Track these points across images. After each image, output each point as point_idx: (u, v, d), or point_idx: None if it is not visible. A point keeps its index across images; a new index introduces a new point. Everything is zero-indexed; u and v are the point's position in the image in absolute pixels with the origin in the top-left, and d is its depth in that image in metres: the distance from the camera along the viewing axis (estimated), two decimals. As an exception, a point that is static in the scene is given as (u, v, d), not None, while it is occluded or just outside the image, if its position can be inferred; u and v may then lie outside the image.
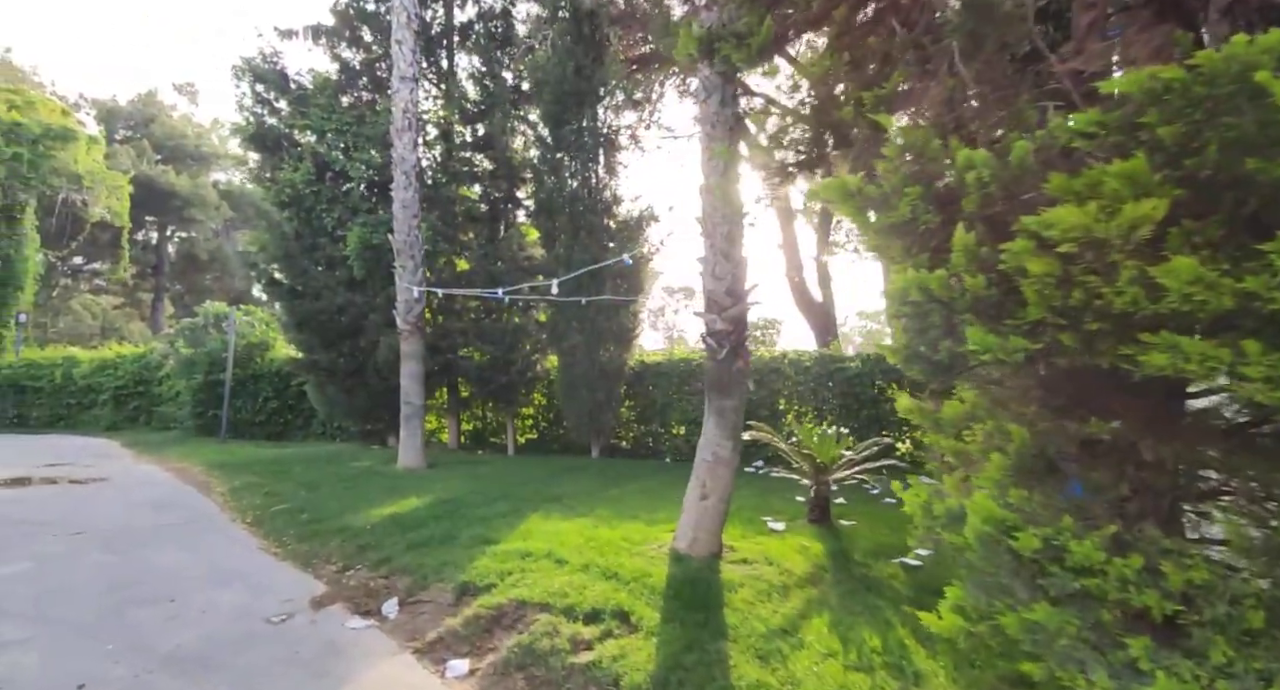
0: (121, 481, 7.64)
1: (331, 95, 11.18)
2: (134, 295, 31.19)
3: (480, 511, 5.57)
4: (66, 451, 10.91)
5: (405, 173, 8.34)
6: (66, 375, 16.06)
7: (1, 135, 16.13)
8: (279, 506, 5.90)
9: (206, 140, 29.06)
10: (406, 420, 8.38)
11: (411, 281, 8.38)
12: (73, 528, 5.17)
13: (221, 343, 12.88)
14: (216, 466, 8.75)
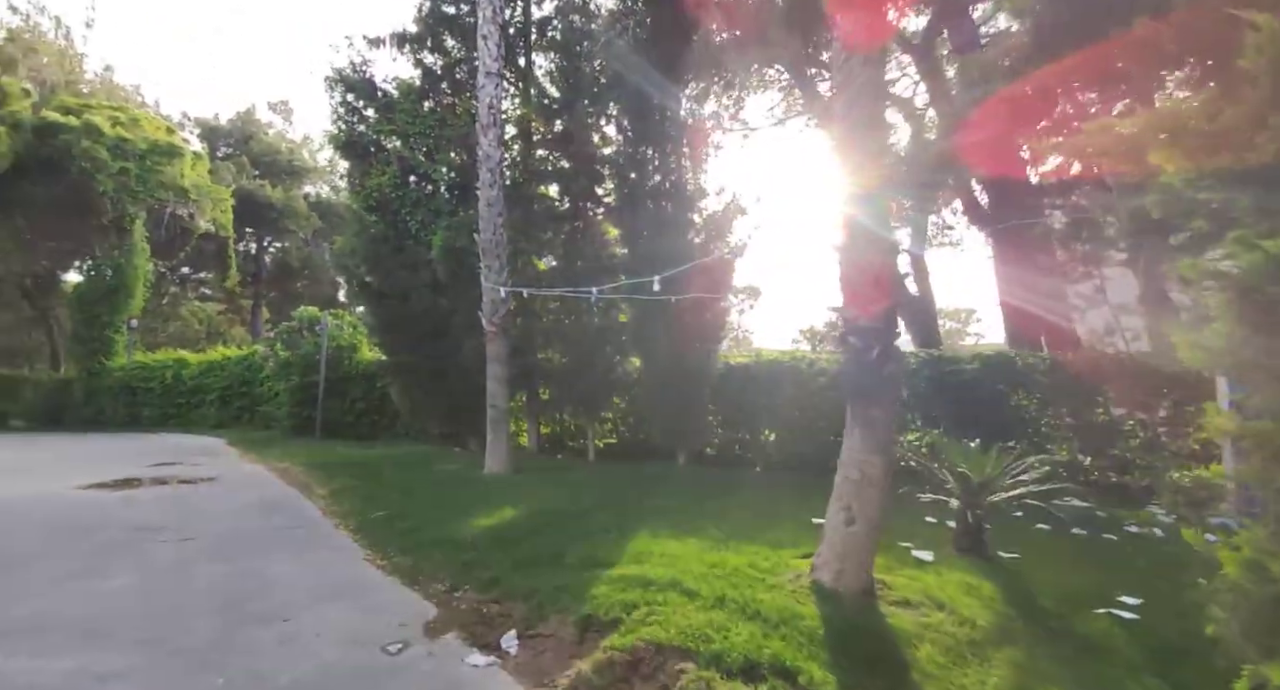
0: (229, 482, 7.87)
1: (415, 100, 11.32)
2: (235, 301, 33.60)
3: (581, 526, 5.21)
4: (177, 450, 11.57)
5: (490, 170, 8.18)
6: (176, 377, 17.25)
7: (108, 150, 17.50)
8: (378, 513, 5.77)
9: (298, 155, 30.87)
10: (493, 424, 8.21)
11: (497, 282, 8.21)
12: (183, 533, 5.20)
13: (314, 346, 13.36)
14: (314, 467, 8.92)
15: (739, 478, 8.34)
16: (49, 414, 19.34)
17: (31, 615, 3.27)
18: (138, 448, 11.97)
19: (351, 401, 13.78)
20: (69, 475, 8.24)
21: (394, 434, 13.72)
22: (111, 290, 18.85)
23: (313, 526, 5.56)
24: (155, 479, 8.01)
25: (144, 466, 9.20)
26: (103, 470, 8.68)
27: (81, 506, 6.18)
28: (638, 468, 9.08)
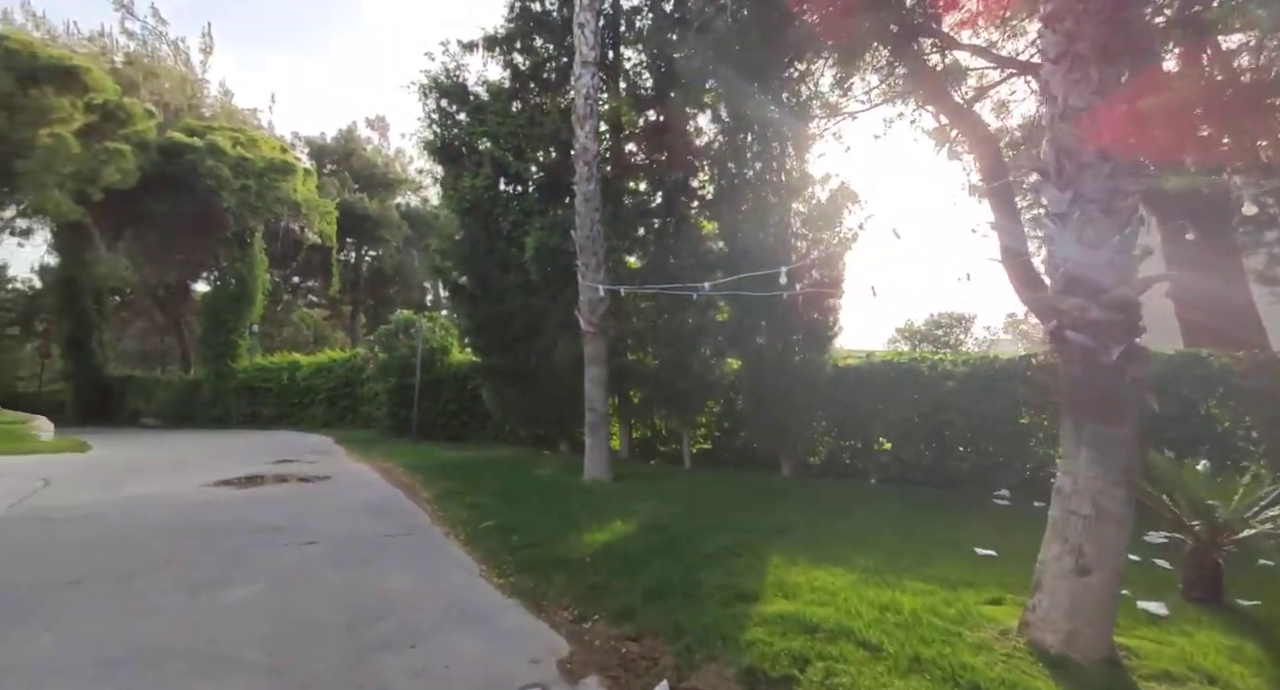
0: (341, 481, 8.02)
1: (504, 101, 11.30)
2: (337, 308, 36.02)
3: (705, 546, 4.69)
4: (293, 448, 12.18)
5: (587, 163, 7.87)
6: (290, 378, 18.46)
7: (230, 169, 18.97)
8: (486, 522, 5.53)
9: (392, 168, 32.60)
10: (591, 429, 7.89)
11: (595, 279, 7.89)
12: (304, 536, 5.17)
13: (410, 348, 13.73)
14: (415, 468, 8.99)
15: (856, 491, 7.55)
16: (180, 413, 21.36)
17: (152, 636, 3.17)
18: (260, 445, 12.74)
19: (444, 403, 14.06)
20: (198, 471, 8.74)
21: (484, 435, 13.87)
22: (235, 298, 20.52)
23: (423, 534, 5.40)
24: (276, 476, 8.32)
25: (266, 464, 9.65)
26: (230, 467, 9.17)
27: (210, 506, 6.40)
28: (741, 477, 8.47)
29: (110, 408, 22.93)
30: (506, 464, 9.62)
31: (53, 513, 5.95)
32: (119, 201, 18.42)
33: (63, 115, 15.77)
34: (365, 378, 16.70)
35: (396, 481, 8.14)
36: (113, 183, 17.04)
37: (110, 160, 16.67)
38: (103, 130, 17.18)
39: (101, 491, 7.19)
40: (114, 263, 19.21)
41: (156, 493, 7.11)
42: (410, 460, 9.98)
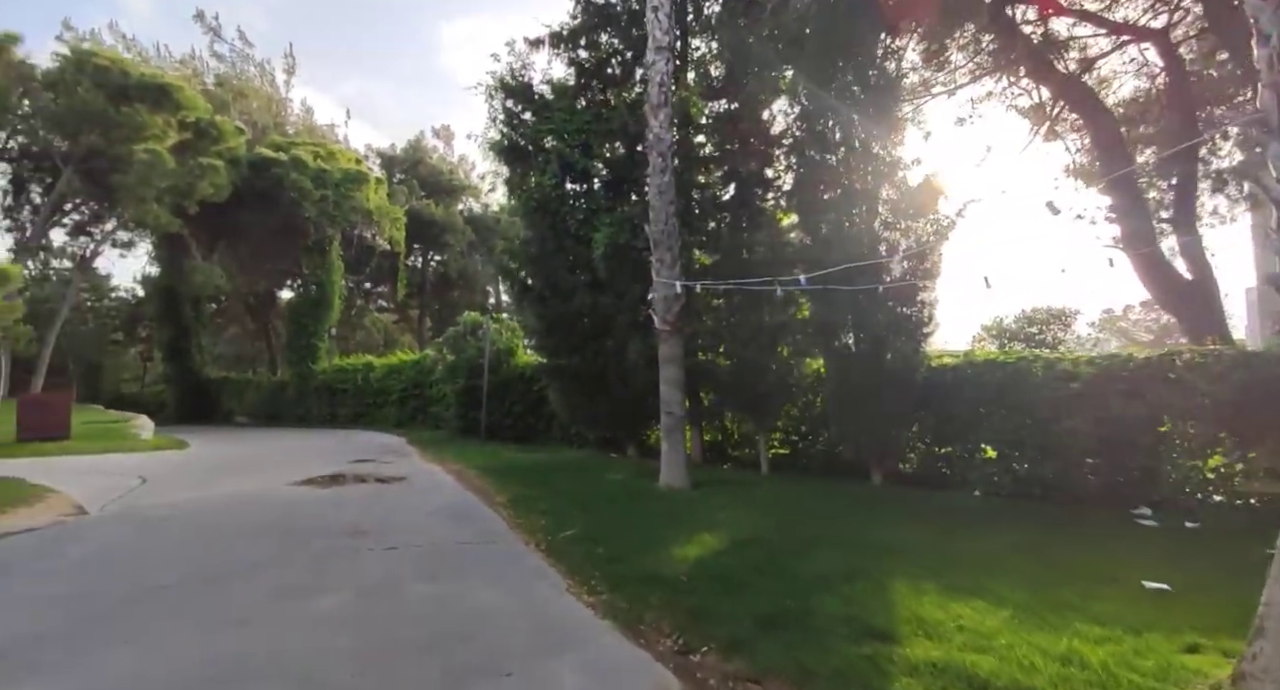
0: (416, 483, 8.01)
1: (570, 99, 11.16)
2: (405, 312, 37.50)
3: (811, 566, 4.21)
4: (369, 448, 12.48)
5: (661, 154, 7.52)
6: (365, 379, 19.14)
7: (311, 181, 19.90)
8: (566, 532, 5.25)
9: (456, 175, 33.60)
10: (668, 432, 7.51)
11: (670, 276, 7.51)
12: (386, 541, 5.05)
13: (477, 350, 13.83)
14: (486, 471, 8.91)
15: (961, 506, 6.81)
16: (268, 412, 22.65)
17: (236, 652, 3.01)
18: (339, 444, 13.16)
19: (510, 404, 14.08)
20: (284, 470, 8.99)
21: (550, 437, 13.79)
22: (315, 303, 21.56)
23: (503, 542, 5.17)
24: (356, 476, 8.42)
25: (346, 463, 9.86)
26: (313, 466, 9.41)
27: (296, 507, 6.45)
28: (826, 486, 7.86)
29: (207, 407, 24.64)
30: (576, 467, 9.40)
31: (147, 512, 6.15)
32: (213, 214, 19.72)
33: (156, 132, 16.98)
34: (434, 379, 17.05)
35: (470, 485, 8.05)
36: (207, 196, 18.21)
37: (204, 175, 17.81)
38: (196, 147, 18.41)
39: (195, 489, 7.45)
40: (209, 272, 20.58)
41: (247, 492, 7.29)
42: (481, 462, 9.95)
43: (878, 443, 7.98)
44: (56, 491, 6.76)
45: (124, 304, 32.99)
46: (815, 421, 9.73)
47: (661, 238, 7.56)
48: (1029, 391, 7.43)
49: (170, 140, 17.43)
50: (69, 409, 10.85)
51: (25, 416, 10.23)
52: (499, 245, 12.84)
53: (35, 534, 5.01)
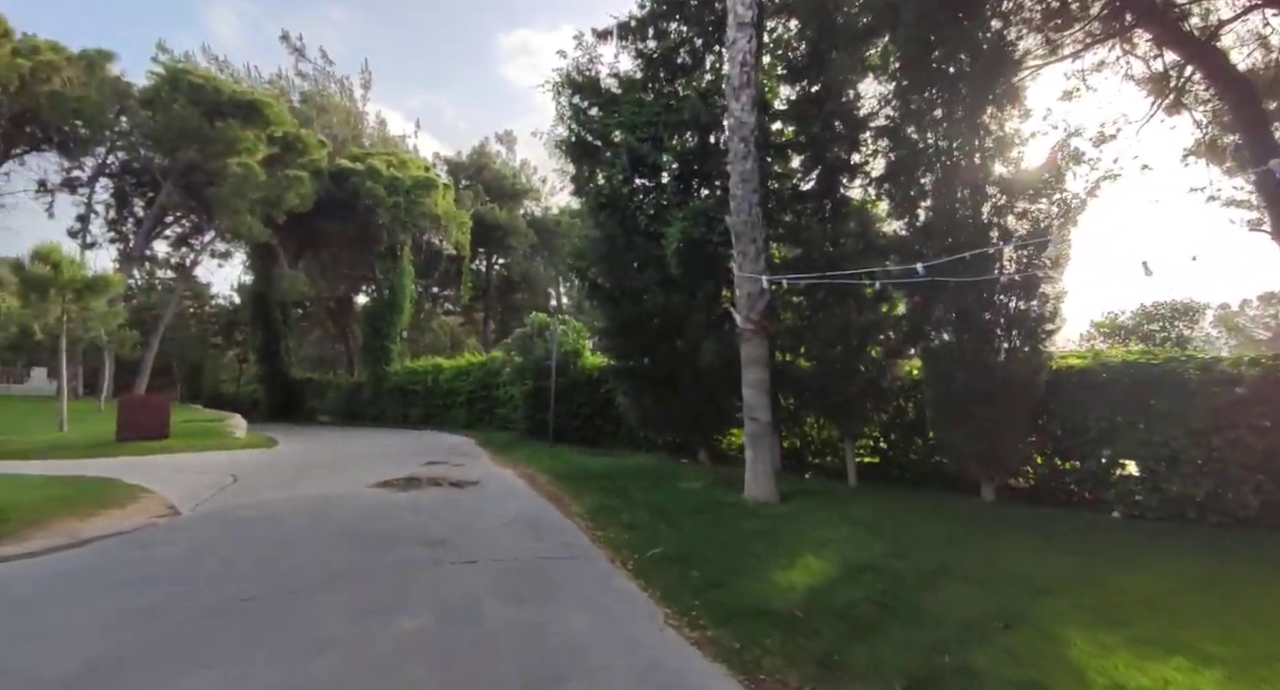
0: (490, 488, 7.83)
1: (637, 91, 10.81)
2: (471, 314, 38.54)
3: (945, 605, 3.58)
4: (440, 449, 12.57)
5: (743, 139, 6.98)
6: (435, 380, 19.56)
7: (384, 188, 20.58)
8: (654, 550, 4.81)
9: (519, 179, 34.19)
10: (753, 440, 6.94)
11: (754, 270, 6.95)
12: (465, 553, 4.79)
13: (545, 351, 13.70)
14: (559, 477, 8.64)
15: (1104, 529, 5.89)
16: (346, 411, 23.67)
17: (318, 682, 2.73)
18: (411, 445, 13.38)
19: (577, 406, 13.87)
20: (362, 471, 9.07)
21: (617, 440, 13.48)
22: (388, 306, 22.32)
23: (587, 559, 4.80)
24: (431, 479, 8.36)
25: (419, 465, 9.88)
26: (389, 467, 9.47)
27: (376, 511, 6.37)
28: (928, 501, 7.06)
29: (293, 405, 26.09)
30: (650, 474, 8.97)
31: (236, 512, 6.20)
32: (299, 224, 20.79)
33: (248, 146, 18.00)
34: (501, 381, 17.16)
35: (543, 491, 7.79)
36: (293, 207, 19.17)
37: (291, 186, 18.75)
38: (284, 160, 19.45)
39: (281, 489, 7.55)
40: (294, 278, 21.72)
41: (328, 493, 7.32)
42: (551, 466, 9.71)
43: (988, 454, 7.09)
44: (151, 491, 7.00)
45: (222, 310, 35.62)
46: (908, 428, 8.89)
47: (744, 229, 7.01)
48: (1181, 397, 6.37)
49: (260, 154, 18.46)
50: (168, 409, 11.51)
51: (127, 417, 10.91)
52: (566, 246, 12.66)
53: (124, 538, 5.08)
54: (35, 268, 10.89)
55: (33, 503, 5.73)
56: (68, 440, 10.73)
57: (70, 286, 11.30)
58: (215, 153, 17.37)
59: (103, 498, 6.33)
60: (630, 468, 9.77)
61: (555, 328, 13.23)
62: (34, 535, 4.85)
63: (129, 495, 6.73)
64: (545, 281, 35.03)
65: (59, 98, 16.67)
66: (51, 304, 11.05)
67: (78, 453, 9.93)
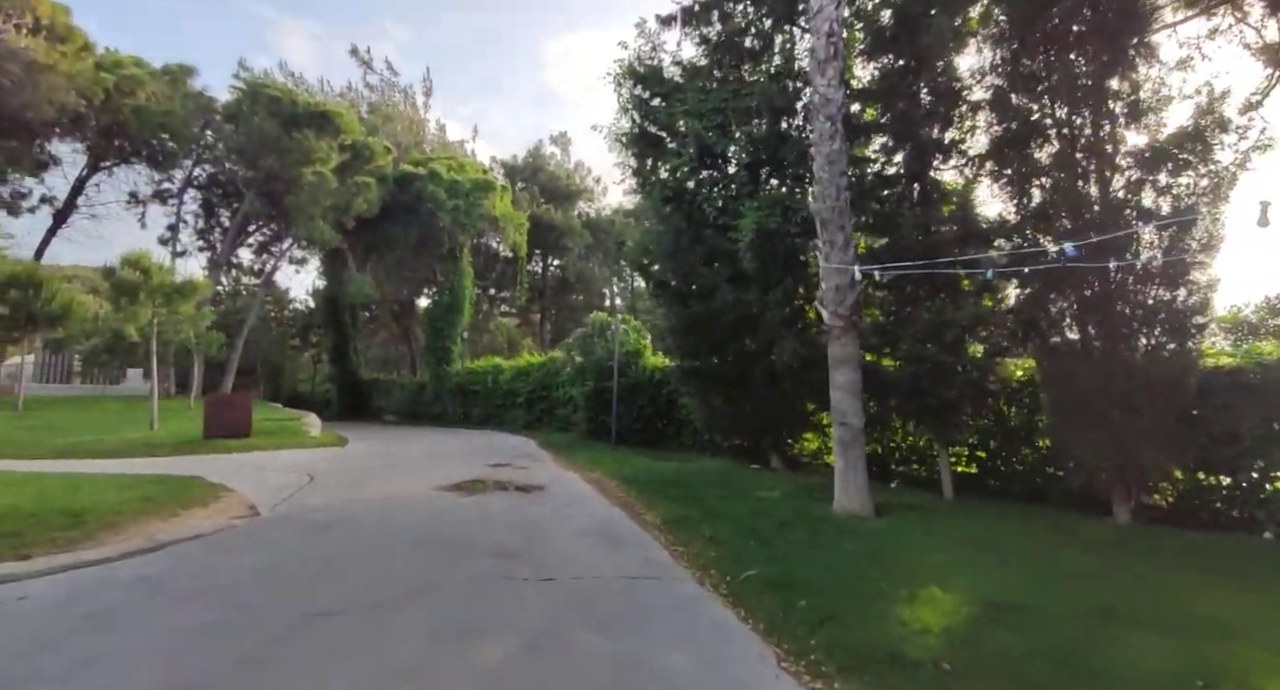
0: (557, 494, 7.53)
1: (703, 78, 10.31)
2: (527, 315, 39.02)
3: (1134, 663, 2.90)
4: (502, 450, 12.47)
5: (829, 117, 6.34)
6: (494, 381, 19.69)
7: (445, 191, 20.92)
8: (748, 572, 4.31)
9: (573, 180, 34.33)
10: (844, 448, 6.31)
11: (843, 259, 6.31)
12: (541, 568, 4.45)
13: (606, 351, 13.40)
14: (627, 482, 8.27)
15: (1270, 554, 4.94)
16: (410, 410, 24.30)
17: None
18: (474, 445, 13.37)
19: (638, 408, 13.50)
20: (428, 472, 9.00)
21: (680, 443, 13.01)
22: (449, 308, 22.74)
23: (673, 579, 4.35)
24: (496, 483, 8.16)
25: (483, 466, 9.75)
26: (454, 469, 9.38)
27: (445, 517, 6.17)
28: (1051, 520, 6.20)
29: (362, 404, 27.08)
30: (721, 481, 8.46)
31: (313, 515, 6.13)
32: (366, 229, 21.48)
33: (321, 155, 18.67)
34: (560, 382, 17.03)
35: (613, 497, 7.42)
36: (361, 212, 19.77)
37: (359, 192, 19.35)
38: (352, 167, 20.12)
39: (354, 489, 7.52)
40: (362, 281, 22.47)
41: (399, 494, 7.22)
42: (617, 470, 9.35)
43: (1125, 467, 6.16)
44: (232, 491, 7.08)
45: (299, 314, 37.56)
46: (1012, 435, 8.00)
47: (831, 216, 6.38)
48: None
49: (332, 162, 19.16)
50: (250, 408, 11.93)
51: (212, 415, 11.36)
52: (628, 243, 12.31)
53: (202, 542, 5.04)
54: (126, 273, 11.51)
55: (118, 503, 5.84)
56: (158, 439, 11.26)
57: (159, 291, 11.87)
58: (292, 162, 18.15)
59: (186, 497, 6.42)
60: (699, 473, 9.28)
61: (617, 327, 12.88)
62: (111, 538, 4.86)
63: (211, 494, 6.81)
64: (600, 281, 34.99)
65: (144, 111, 17.83)
66: (142, 308, 11.65)
67: (167, 451, 10.37)
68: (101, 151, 20.65)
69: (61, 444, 10.23)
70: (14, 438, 10.28)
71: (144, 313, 12.07)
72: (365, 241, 23.57)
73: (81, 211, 21.73)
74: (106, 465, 8.80)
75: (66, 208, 21.04)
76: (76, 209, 21.53)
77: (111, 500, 5.95)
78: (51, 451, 9.74)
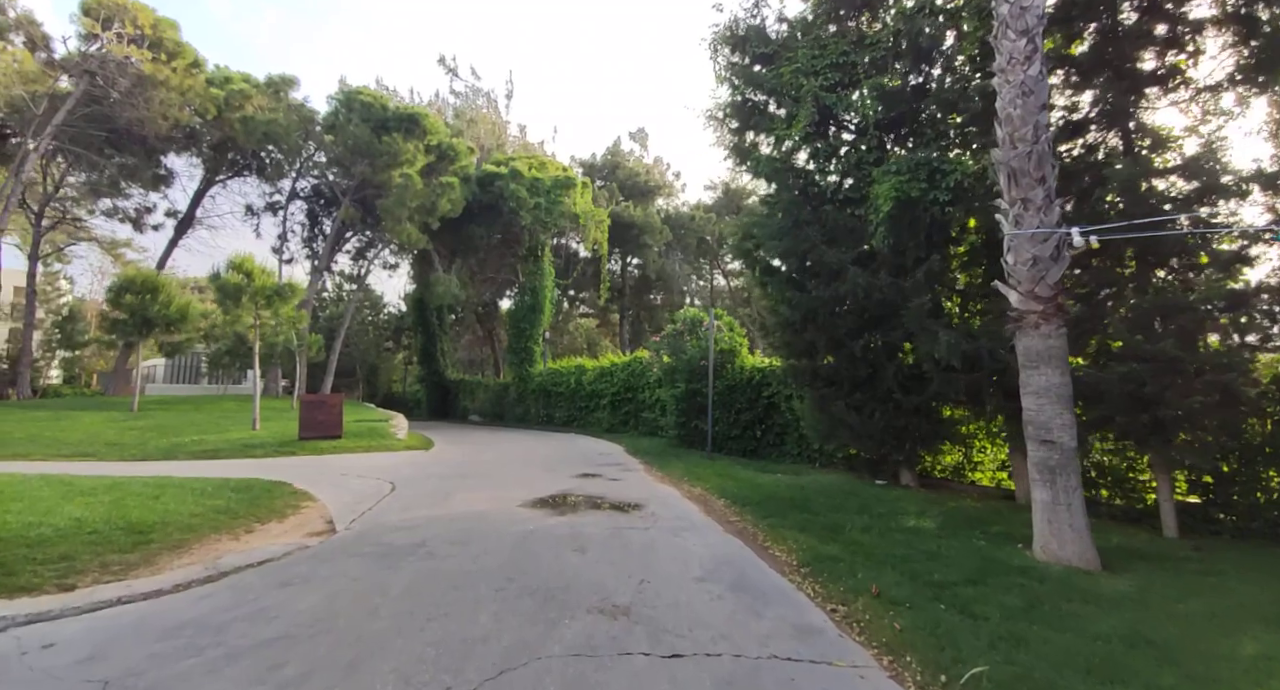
0: (659, 515, 6.41)
1: (817, 29, 8.87)
2: (605, 315, 38.56)
3: None
4: (589, 457, 11.58)
5: (1025, 33, 4.79)
6: (578, 382, 19.01)
7: (526, 189, 20.55)
8: (973, 669, 2.93)
9: (651, 176, 33.44)
10: (1050, 474, 4.71)
11: (1045, 222, 4.73)
12: (659, 634, 3.33)
13: (699, 349, 12.19)
14: (735, 500, 7.02)
15: None
16: (494, 411, 24.26)
17: None
18: (558, 450, 12.61)
19: (735, 412, 12.17)
20: (514, 483, 8.20)
21: (782, 452, 11.56)
22: (530, 308, 22.43)
23: (853, 667, 3.06)
24: (588, 499, 7.18)
25: (571, 477, 8.85)
26: (540, 478, 8.54)
27: (533, 545, 5.21)
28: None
29: (449, 405, 27.52)
30: (847, 501, 7.00)
31: (390, 536, 5.38)
32: (450, 230, 21.63)
33: (408, 157, 18.83)
34: (646, 383, 16.02)
35: (725, 521, 6.20)
36: (445, 213, 19.81)
37: (444, 193, 19.37)
38: (438, 169, 20.25)
39: (434, 504, 6.80)
40: (448, 282, 22.65)
41: (480, 512, 6.40)
42: (719, 485, 8.12)
43: None
44: (315, 500, 6.57)
45: (393, 318, 39.30)
46: (1254, 454, 6.04)
47: (1025, 165, 4.80)
48: None
49: (419, 164, 19.34)
50: (341, 410, 11.81)
51: (307, 416, 11.31)
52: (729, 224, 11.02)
53: (266, 570, 4.34)
54: (230, 277, 11.72)
55: (192, 515, 5.38)
56: (258, 439, 11.32)
57: (261, 293, 12.01)
58: (382, 166, 18.48)
59: (265, 508, 5.93)
60: (816, 489, 7.85)
61: (712, 323, 11.63)
62: (173, 562, 4.27)
63: (291, 504, 6.31)
64: (680, 279, 33.83)
65: (251, 121, 18.74)
66: (244, 311, 11.83)
67: (263, 452, 10.33)
68: (215, 165, 22.14)
69: (166, 445, 10.43)
70: (122, 439, 10.63)
71: (247, 316, 12.27)
72: (450, 243, 23.80)
73: (200, 224, 23.45)
74: (203, 468, 8.71)
75: (186, 220, 22.72)
76: (196, 222, 23.23)
77: (187, 512, 5.50)
78: (156, 452, 9.91)
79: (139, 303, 13.55)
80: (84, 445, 10.12)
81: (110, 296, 13.87)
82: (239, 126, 18.43)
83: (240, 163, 22.26)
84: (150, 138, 17.37)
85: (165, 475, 7.68)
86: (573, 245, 32.14)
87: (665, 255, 32.27)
